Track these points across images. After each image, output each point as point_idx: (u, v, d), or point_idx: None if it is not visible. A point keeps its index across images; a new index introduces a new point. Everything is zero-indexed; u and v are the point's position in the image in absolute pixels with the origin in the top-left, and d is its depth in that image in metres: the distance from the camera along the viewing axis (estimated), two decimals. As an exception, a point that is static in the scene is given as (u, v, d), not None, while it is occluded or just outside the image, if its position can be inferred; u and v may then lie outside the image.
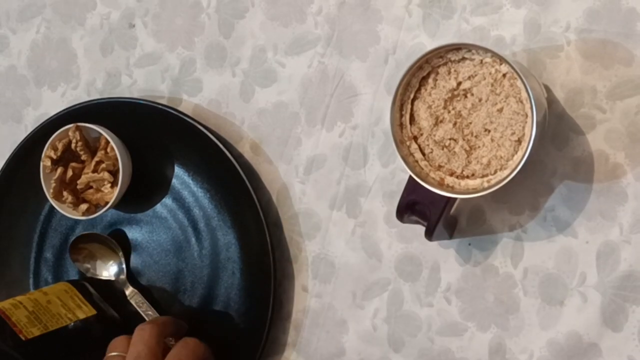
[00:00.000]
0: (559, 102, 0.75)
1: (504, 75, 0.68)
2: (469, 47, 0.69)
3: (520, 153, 0.68)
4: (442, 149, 0.70)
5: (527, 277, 0.76)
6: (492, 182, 0.69)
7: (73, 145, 0.86)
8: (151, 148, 0.88)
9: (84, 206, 0.86)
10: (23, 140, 0.94)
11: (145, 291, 0.89)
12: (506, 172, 0.68)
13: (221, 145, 0.84)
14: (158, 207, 0.89)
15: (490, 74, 0.69)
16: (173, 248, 0.88)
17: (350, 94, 0.83)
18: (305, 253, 0.85)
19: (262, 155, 0.87)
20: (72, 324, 0.83)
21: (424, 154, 0.71)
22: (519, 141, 0.68)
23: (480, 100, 0.69)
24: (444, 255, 0.79)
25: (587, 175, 0.74)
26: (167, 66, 0.91)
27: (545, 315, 0.76)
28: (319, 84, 0.84)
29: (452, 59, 0.70)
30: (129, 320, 0.88)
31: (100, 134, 0.85)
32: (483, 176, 0.70)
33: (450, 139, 0.70)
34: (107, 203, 0.85)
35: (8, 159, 0.95)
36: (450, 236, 0.77)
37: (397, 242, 0.81)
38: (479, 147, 0.70)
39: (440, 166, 0.71)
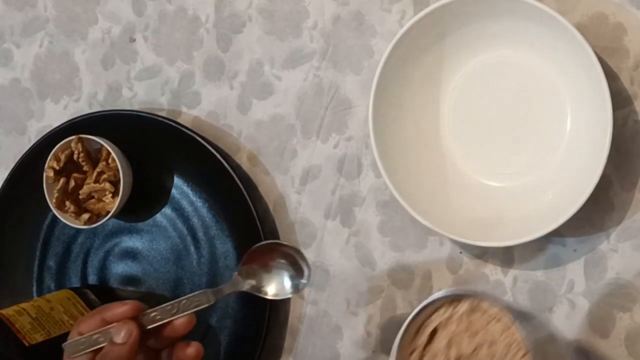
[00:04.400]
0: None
1: (469, 313, 0.61)
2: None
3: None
4: None
5: (516, 285, 0.77)
6: None
7: (75, 157, 0.87)
8: (151, 159, 0.89)
9: (85, 215, 0.87)
10: (26, 152, 0.95)
11: (151, 297, 0.90)
12: None
13: (219, 156, 0.85)
14: (158, 216, 0.90)
15: (459, 323, 0.62)
16: (172, 256, 0.89)
17: (344, 107, 0.84)
18: (301, 261, 0.86)
19: (259, 166, 0.88)
20: (74, 330, 0.85)
21: None
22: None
23: (474, 351, 0.61)
24: (435, 264, 0.80)
25: (575, 185, 0.75)
26: (166, 79, 0.92)
27: (535, 321, 0.77)
28: (314, 97, 0.85)
29: (421, 344, 0.62)
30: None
31: (102, 145, 0.86)
32: None
33: None
34: (108, 212, 0.86)
35: (12, 169, 0.95)
36: None
37: (390, 251, 0.82)
38: None
39: None
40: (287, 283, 0.71)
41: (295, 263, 0.71)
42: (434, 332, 0.62)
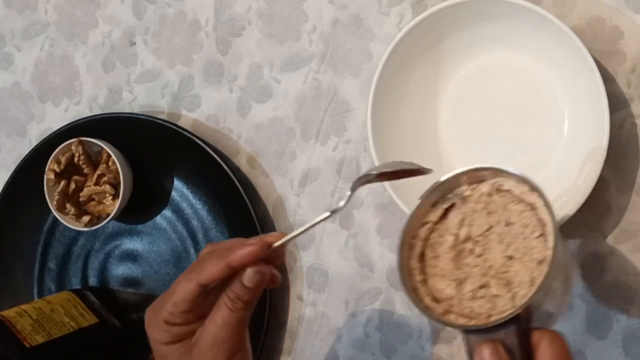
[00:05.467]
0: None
1: (489, 194, 0.62)
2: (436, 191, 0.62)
3: (551, 238, 0.58)
4: (481, 299, 0.60)
5: (514, 287, 0.78)
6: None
7: (76, 159, 0.87)
8: (151, 162, 0.90)
9: (86, 218, 0.87)
10: (27, 154, 0.95)
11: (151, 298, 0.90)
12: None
13: (219, 159, 0.86)
14: (158, 218, 0.90)
15: (477, 202, 0.62)
16: (172, 258, 0.89)
17: (343, 109, 0.85)
18: (300, 263, 0.86)
19: (258, 169, 0.88)
20: (75, 331, 0.85)
21: (466, 316, 0.60)
22: (544, 234, 0.59)
23: (486, 232, 0.61)
24: (434, 265, 0.81)
25: (572, 187, 0.75)
26: (166, 82, 0.92)
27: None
28: (313, 100, 0.86)
29: (433, 220, 0.63)
30: (130, 328, 0.90)
31: (102, 148, 0.87)
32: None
33: (481, 287, 0.60)
34: (108, 215, 0.86)
35: (13, 172, 0.96)
36: None
37: (389, 253, 0.82)
38: (514, 272, 0.59)
39: (490, 315, 0.58)
40: None
41: None
42: (450, 208, 0.62)
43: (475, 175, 0.62)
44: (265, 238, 0.64)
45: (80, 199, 0.88)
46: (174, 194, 0.89)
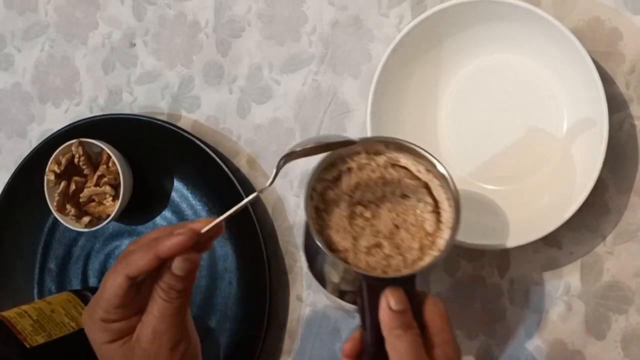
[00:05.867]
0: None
1: (384, 167, 0.66)
2: (331, 160, 0.66)
3: (447, 215, 0.64)
4: (377, 255, 0.63)
5: (513, 287, 0.78)
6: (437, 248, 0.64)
7: (76, 160, 0.87)
8: (151, 162, 0.90)
9: (86, 219, 0.87)
10: (28, 155, 0.96)
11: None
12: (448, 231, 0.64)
13: (219, 160, 0.86)
14: (158, 219, 0.90)
15: (373, 171, 0.66)
16: (172, 259, 0.90)
17: (343, 110, 0.85)
18: (299, 263, 0.86)
19: (258, 170, 0.88)
20: (75, 332, 0.84)
21: (361, 269, 0.63)
22: (437, 210, 0.65)
23: (378, 199, 0.65)
24: (433, 266, 0.81)
25: (571, 188, 0.76)
26: (166, 83, 0.92)
27: (531, 323, 0.77)
28: (313, 101, 0.86)
29: (329, 178, 0.66)
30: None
31: (102, 149, 0.87)
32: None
33: (375, 246, 0.63)
34: (108, 215, 0.86)
35: (13, 173, 0.96)
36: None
37: (388, 253, 0.82)
38: (400, 240, 0.64)
39: (385, 272, 0.63)
40: None
41: None
42: (348, 171, 0.66)
43: (372, 147, 0.66)
44: (193, 225, 0.63)
45: (81, 200, 0.88)
46: (173, 194, 0.89)
